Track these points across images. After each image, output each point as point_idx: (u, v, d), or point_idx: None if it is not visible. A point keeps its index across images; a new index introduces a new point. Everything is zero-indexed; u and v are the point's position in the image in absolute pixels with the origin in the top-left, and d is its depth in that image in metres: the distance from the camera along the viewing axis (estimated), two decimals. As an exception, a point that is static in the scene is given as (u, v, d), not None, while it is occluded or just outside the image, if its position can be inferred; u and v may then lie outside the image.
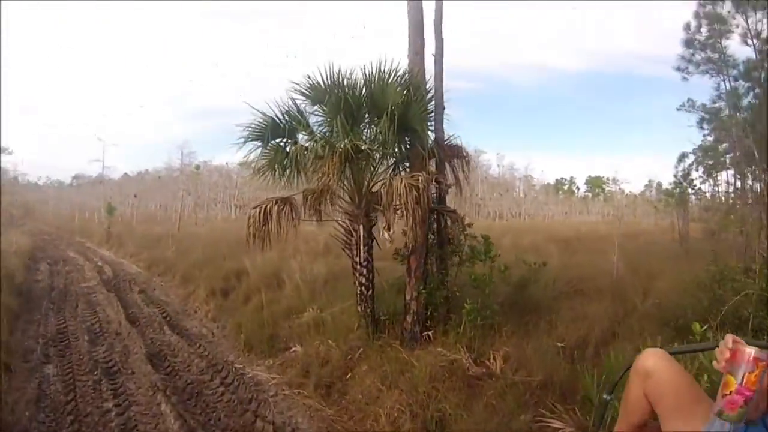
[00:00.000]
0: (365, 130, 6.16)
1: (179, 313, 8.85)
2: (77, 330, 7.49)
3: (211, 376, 5.58)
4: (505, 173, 63.26)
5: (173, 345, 6.69)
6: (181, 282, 11.16)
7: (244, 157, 6.26)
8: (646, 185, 58.65)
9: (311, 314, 6.64)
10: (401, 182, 5.27)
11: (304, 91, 6.16)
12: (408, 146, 6.15)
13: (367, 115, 6.15)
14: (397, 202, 5.27)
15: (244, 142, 6.12)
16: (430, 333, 5.63)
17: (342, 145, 5.46)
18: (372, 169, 6.17)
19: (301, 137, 6.25)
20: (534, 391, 4.28)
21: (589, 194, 76.01)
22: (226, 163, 52.22)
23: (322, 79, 5.98)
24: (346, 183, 6.05)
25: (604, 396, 2.00)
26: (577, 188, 78.76)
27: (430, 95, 6.09)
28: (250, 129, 6.09)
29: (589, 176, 76.67)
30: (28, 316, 8.34)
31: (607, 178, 72.70)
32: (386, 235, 5.53)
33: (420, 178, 5.28)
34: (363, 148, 5.54)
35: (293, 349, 5.97)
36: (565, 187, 78.18)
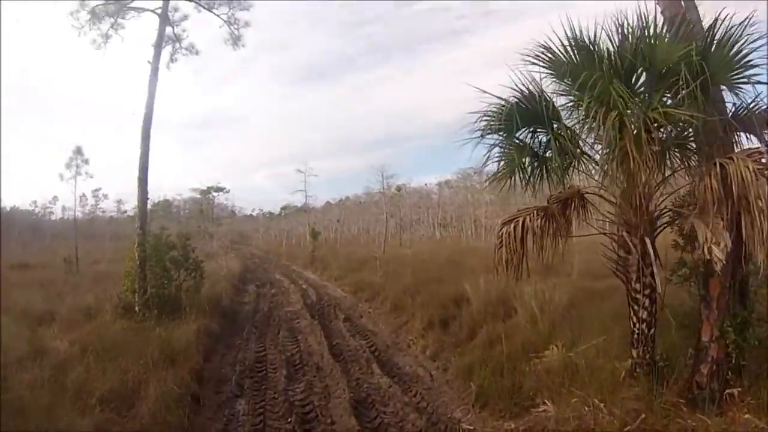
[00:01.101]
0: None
1: (390, 347, 8.33)
2: (276, 360, 7.39)
3: (433, 440, 4.79)
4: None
5: (383, 390, 6.10)
6: (391, 309, 10.76)
7: (484, 154, 5.35)
8: None
9: (556, 354, 5.71)
10: (745, 167, 3.93)
11: (556, 55, 4.93)
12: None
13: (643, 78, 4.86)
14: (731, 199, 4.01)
15: (482, 136, 5.22)
16: (736, 391, 4.41)
17: (642, 117, 4.32)
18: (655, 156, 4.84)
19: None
20: None
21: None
22: (425, 184, 54.38)
23: (566, 45, 4.84)
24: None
25: None
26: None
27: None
28: (488, 119, 5.17)
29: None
30: (229, 340, 8.60)
31: None
32: (716, 252, 3.92)
33: (765, 159, 4.11)
34: (684, 117, 4.36)
35: (542, 407, 4.88)
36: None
